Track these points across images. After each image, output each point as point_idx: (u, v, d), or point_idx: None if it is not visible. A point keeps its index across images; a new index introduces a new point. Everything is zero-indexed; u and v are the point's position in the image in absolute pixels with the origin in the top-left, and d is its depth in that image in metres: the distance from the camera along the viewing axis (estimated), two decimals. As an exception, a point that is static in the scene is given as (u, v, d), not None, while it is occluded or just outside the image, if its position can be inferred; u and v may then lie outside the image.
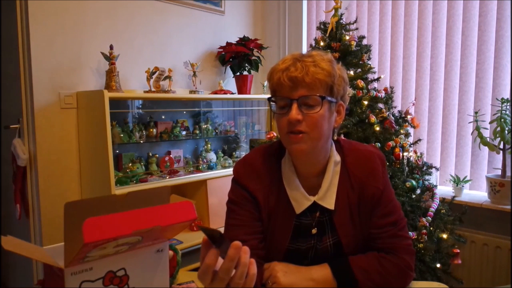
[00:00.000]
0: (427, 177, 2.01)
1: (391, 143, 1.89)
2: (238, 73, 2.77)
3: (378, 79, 2.11)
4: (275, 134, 2.12)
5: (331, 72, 0.92)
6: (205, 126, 2.59)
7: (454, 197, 2.09)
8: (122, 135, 2.14)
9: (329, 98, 0.92)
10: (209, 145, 2.61)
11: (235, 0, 2.94)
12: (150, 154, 2.33)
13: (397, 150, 1.88)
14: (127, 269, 0.73)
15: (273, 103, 0.96)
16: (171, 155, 2.40)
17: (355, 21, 2.19)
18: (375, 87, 2.08)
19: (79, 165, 2.13)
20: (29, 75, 1.96)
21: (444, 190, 2.35)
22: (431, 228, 1.81)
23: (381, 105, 2.07)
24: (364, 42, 2.17)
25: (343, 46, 2.06)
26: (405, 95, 2.55)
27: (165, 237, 0.78)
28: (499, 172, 2.15)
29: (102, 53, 2.10)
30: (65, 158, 2.08)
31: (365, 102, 1.97)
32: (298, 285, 0.92)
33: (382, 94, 2.06)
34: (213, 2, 2.77)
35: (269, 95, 0.98)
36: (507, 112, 2.05)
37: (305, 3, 2.98)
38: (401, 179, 1.86)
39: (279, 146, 1.05)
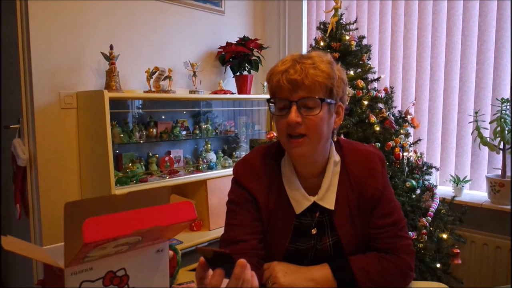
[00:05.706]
0: (427, 177, 2.01)
1: (391, 143, 1.89)
2: (238, 73, 2.77)
3: (378, 79, 2.11)
4: (275, 134, 2.12)
5: (331, 74, 0.92)
6: (205, 126, 2.58)
7: (454, 197, 2.09)
8: (122, 135, 2.14)
9: (328, 100, 0.92)
10: (209, 145, 2.61)
11: (235, 0, 2.94)
12: (150, 154, 2.33)
13: (397, 150, 1.88)
14: (127, 269, 0.73)
15: (272, 105, 0.96)
16: (171, 155, 2.40)
17: (355, 21, 2.19)
18: (375, 87, 2.08)
19: (79, 165, 2.13)
20: (29, 75, 1.96)
21: (444, 190, 2.35)
22: (431, 228, 1.81)
23: (381, 105, 2.07)
24: (364, 42, 2.17)
25: (343, 46, 2.07)
26: (405, 95, 2.55)
27: (165, 237, 0.78)
28: (499, 172, 2.15)
29: (102, 53, 2.10)
30: (65, 158, 2.08)
31: (365, 102, 1.97)
32: (298, 285, 0.92)
33: (382, 94, 2.05)
34: (213, 2, 2.77)
35: (269, 96, 0.97)
36: (507, 112, 2.05)
37: (305, 3, 2.98)
38: (401, 179, 1.85)
39: (278, 146, 1.05)
